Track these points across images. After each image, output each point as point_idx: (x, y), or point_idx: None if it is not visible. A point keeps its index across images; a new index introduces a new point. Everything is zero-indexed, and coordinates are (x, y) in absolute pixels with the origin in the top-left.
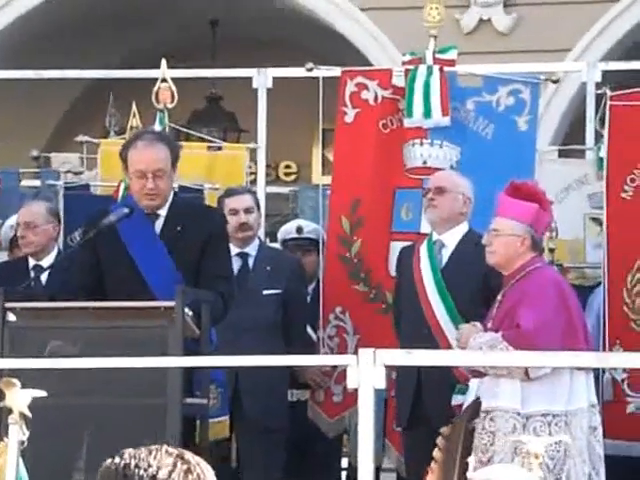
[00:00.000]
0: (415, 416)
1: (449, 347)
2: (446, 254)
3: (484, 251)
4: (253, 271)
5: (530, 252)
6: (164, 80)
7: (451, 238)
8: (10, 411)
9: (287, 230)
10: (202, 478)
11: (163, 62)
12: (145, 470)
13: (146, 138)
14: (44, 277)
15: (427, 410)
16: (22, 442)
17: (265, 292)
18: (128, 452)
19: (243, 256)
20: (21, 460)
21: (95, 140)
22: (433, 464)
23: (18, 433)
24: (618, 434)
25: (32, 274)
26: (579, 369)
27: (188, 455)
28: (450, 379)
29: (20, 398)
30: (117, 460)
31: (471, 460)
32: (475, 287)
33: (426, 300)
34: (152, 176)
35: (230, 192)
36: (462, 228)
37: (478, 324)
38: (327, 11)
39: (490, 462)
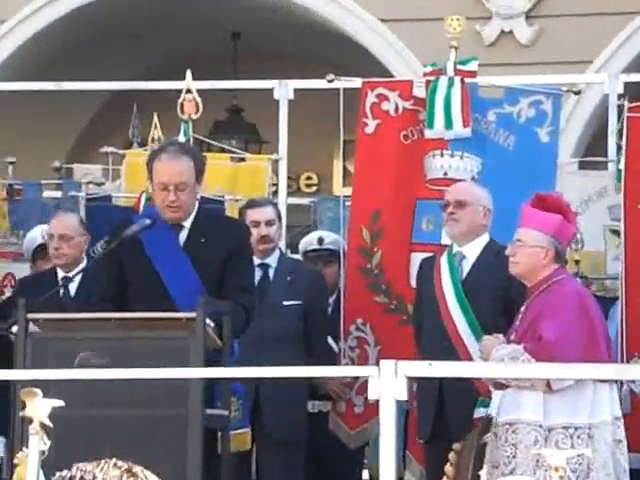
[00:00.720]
0: (437, 429)
1: (470, 359)
2: (467, 266)
3: (505, 262)
4: (274, 282)
5: (553, 263)
6: (189, 91)
7: (472, 250)
8: (31, 421)
9: (308, 241)
10: None
11: (188, 73)
12: None
13: (170, 151)
14: (72, 288)
15: (449, 423)
16: (42, 452)
17: (285, 303)
18: (77, 465)
19: (264, 267)
20: (41, 471)
21: (120, 151)
22: (445, 479)
23: (39, 443)
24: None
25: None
26: (601, 381)
27: (137, 469)
28: (472, 392)
29: (41, 408)
30: (64, 473)
31: (483, 473)
32: (496, 299)
33: (447, 312)
34: (174, 189)
35: (252, 204)
36: (483, 239)
37: (500, 336)
38: (348, 22)
39: (512, 474)
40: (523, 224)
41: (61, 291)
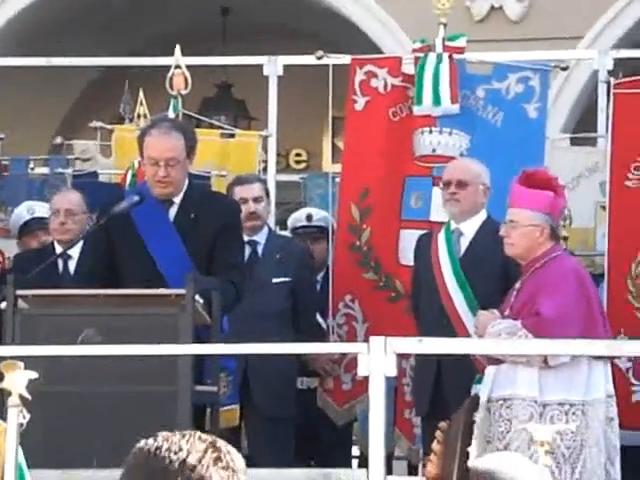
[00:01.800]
0: (434, 405)
1: (468, 336)
2: (464, 243)
3: (503, 240)
4: (262, 259)
5: (549, 241)
6: (178, 67)
7: (470, 227)
8: (10, 394)
9: (297, 218)
10: (231, 466)
11: (177, 48)
12: (175, 453)
13: (162, 126)
14: (72, 266)
15: (447, 399)
16: (21, 425)
17: (274, 280)
18: (162, 435)
19: (252, 244)
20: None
21: (109, 126)
22: (432, 456)
23: (18, 415)
24: (625, 423)
25: (60, 263)
26: (595, 358)
27: (220, 443)
28: (470, 368)
29: (18, 380)
30: (150, 441)
31: (472, 449)
32: (494, 276)
33: (444, 289)
34: (164, 164)
35: (240, 180)
36: (480, 216)
37: (496, 311)
38: None
39: (506, 449)
40: (514, 204)
41: (60, 268)
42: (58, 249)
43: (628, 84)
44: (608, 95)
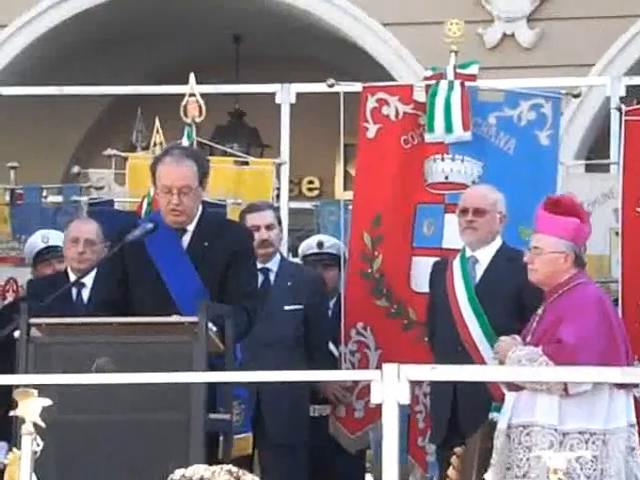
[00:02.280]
0: (450, 433)
1: (483, 363)
2: (480, 270)
3: (518, 267)
4: (274, 286)
5: (573, 267)
6: (192, 94)
7: (485, 254)
8: (23, 421)
9: (308, 245)
10: None
11: (192, 76)
12: None
13: (174, 154)
14: (85, 294)
15: (463, 427)
16: (35, 452)
17: (286, 308)
18: (194, 466)
19: (264, 271)
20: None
21: (123, 154)
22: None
23: (31, 443)
24: None
25: (74, 291)
26: (618, 387)
27: (247, 476)
28: (486, 396)
29: (32, 408)
30: (179, 471)
31: (488, 476)
32: (510, 303)
33: (460, 317)
34: (177, 192)
35: (251, 208)
36: (496, 243)
37: (517, 337)
38: (350, 26)
39: (525, 477)
40: (539, 230)
41: (74, 296)
42: (72, 277)
43: (639, 111)
44: (621, 121)
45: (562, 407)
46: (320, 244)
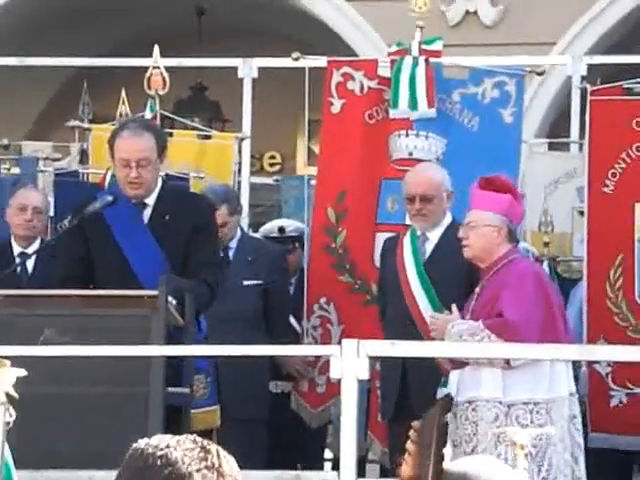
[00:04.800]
0: (401, 408)
1: (432, 339)
2: (429, 246)
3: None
4: (234, 262)
5: (506, 243)
6: (156, 67)
7: (435, 231)
8: None
9: (268, 230)
10: (218, 468)
11: (156, 48)
12: (161, 450)
13: (131, 127)
14: (30, 265)
15: (413, 402)
16: (7, 423)
17: (245, 283)
18: (158, 436)
19: (224, 249)
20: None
21: (86, 125)
22: (407, 456)
23: (4, 414)
24: (603, 427)
25: (17, 260)
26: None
27: (213, 446)
28: (436, 371)
29: (5, 378)
30: (143, 441)
31: (447, 451)
32: (458, 279)
33: (409, 293)
34: (136, 165)
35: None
36: (446, 220)
37: (455, 311)
38: (314, 1)
39: (474, 452)
40: (473, 206)
41: (18, 268)
42: (15, 246)
43: (604, 91)
44: (582, 101)
45: (505, 379)
46: (281, 229)
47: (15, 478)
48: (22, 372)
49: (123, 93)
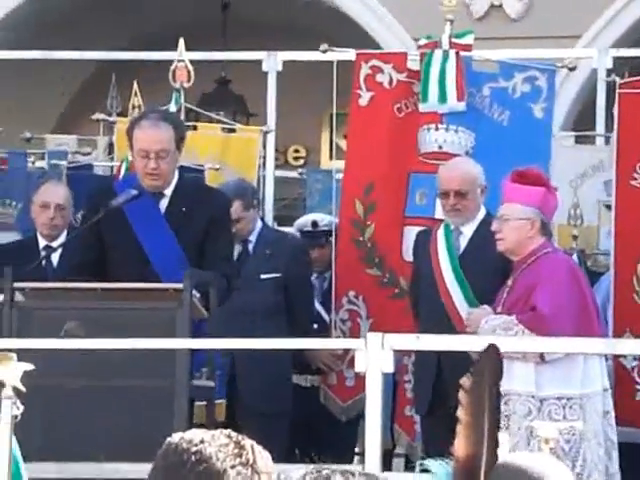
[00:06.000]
0: (435, 403)
1: (467, 333)
2: (464, 241)
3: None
4: (252, 255)
5: (540, 236)
6: (181, 60)
7: (469, 225)
8: (3, 385)
9: (302, 224)
10: (252, 465)
11: (181, 41)
12: (195, 445)
13: (151, 117)
14: (55, 258)
15: (447, 397)
16: (15, 417)
17: (263, 276)
18: (192, 430)
19: (244, 243)
20: (14, 437)
21: (111, 118)
22: (459, 427)
23: (12, 407)
24: (627, 421)
25: (43, 253)
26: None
27: (247, 442)
28: (471, 366)
29: (12, 372)
30: (178, 435)
31: (503, 438)
32: (493, 273)
33: (444, 287)
34: (155, 156)
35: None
36: (480, 214)
37: (488, 307)
38: None
39: None
40: (506, 199)
41: (43, 261)
42: (41, 241)
43: (634, 84)
44: (607, 94)
45: (538, 374)
46: (315, 223)
47: (23, 471)
48: (29, 366)
49: (135, 86)
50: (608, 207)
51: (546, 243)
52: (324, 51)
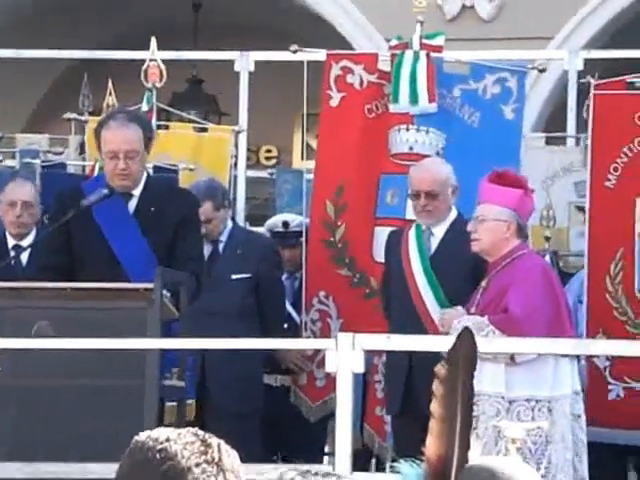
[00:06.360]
0: (406, 403)
1: (438, 333)
2: (435, 241)
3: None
4: (223, 255)
5: (515, 238)
6: (153, 59)
7: (440, 226)
8: None
9: (273, 224)
10: (218, 462)
11: (153, 41)
12: (161, 443)
13: (119, 118)
14: (24, 257)
15: (419, 397)
16: None
17: (233, 276)
18: (159, 429)
19: (214, 242)
20: None
21: (83, 117)
22: (432, 423)
23: None
24: (600, 421)
25: (12, 253)
26: (562, 355)
27: (214, 440)
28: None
29: None
30: (145, 434)
31: (474, 441)
32: (464, 274)
33: (415, 288)
34: (124, 157)
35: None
36: (451, 215)
37: (461, 308)
38: None
39: None
40: (483, 200)
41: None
42: (9, 240)
43: (607, 85)
44: (578, 95)
45: (509, 375)
46: (285, 224)
47: None
48: None
49: (110, 84)
50: (579, 208)
51: (521, 245)
52: (294, 51)
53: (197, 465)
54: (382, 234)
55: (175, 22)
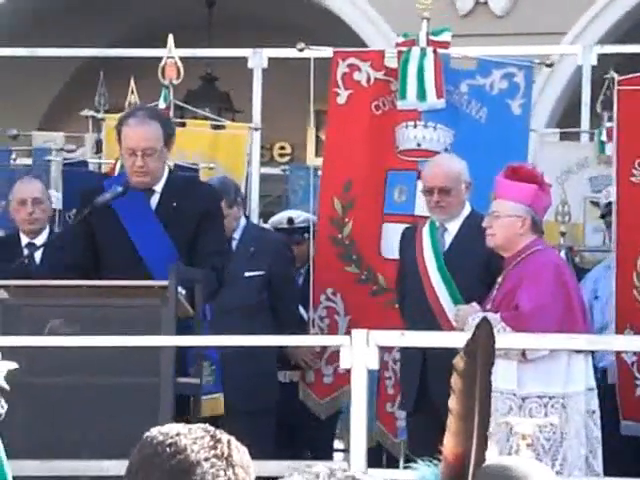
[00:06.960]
0: (421, 400)
1: (452, 330)
2: (448, 238)
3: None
4: (236, 253)
5: (530, 234)
6: (170, 57)
7: (454, 222)
8: None
9: (278, 221)
10: (227, 457)
11: (170, 38)
12: (171, 437)
13: (138, 115)
14: (38, 255)
15: (433, 394)
16: (0, 415)
17: (247, 274)
18: (170, 424)
19: (228, 240)
20: None
21: (100, 115)
22: (450, 419)
23: None
24: (627, 415)
25: (25, 252)
26: (575, 352)
27: (224, 435)
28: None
29: None
30: (156, 429)
31: (491, 433)
32: (478, 270)
33: (429, 284)
34: (142, 154)
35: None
36: (465, 211)
37: (476, 304)
38: None
39: None
40: (498, 195)
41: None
42: (23, 238)
43: (633, 80)
44: (592, 91)
45: (520, 372)
46: (290, 220)
47: (7, 469)
48: (13, 365)
49: (132, 83)
50: (594, 204)
51: (537, 240)
52: (301, 49)
53: (206, 459)
54: (390, 231)
55: (189, 19)
